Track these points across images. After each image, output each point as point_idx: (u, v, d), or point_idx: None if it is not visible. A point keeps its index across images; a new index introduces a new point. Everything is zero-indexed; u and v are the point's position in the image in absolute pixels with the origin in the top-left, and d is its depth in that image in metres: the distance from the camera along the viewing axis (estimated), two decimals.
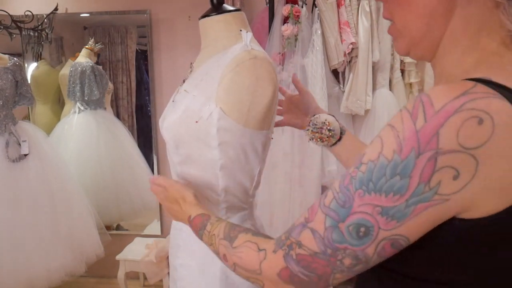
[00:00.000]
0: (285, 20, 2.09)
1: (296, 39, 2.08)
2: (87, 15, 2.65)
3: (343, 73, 2.17)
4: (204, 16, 0.96)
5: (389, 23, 0.61)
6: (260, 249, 0.59)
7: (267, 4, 2.19)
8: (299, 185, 2.12)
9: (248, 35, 0.86)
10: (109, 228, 2.75)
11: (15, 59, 2.27)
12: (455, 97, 0.45)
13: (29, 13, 2.50)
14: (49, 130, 2.69)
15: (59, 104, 2.87)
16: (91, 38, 2.69)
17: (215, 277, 0.89)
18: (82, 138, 2.68)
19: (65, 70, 2.73)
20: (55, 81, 2.79)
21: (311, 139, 1.01)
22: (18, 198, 2.08)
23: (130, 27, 2.72)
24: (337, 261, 0.51)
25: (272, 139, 0.95)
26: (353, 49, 2.07)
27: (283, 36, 2.08)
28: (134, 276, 2.68)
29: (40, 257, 2.09)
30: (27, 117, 2.75)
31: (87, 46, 2.68)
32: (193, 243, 0.94)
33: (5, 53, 2.27)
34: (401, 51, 0.61)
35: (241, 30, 0.92)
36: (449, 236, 0.49)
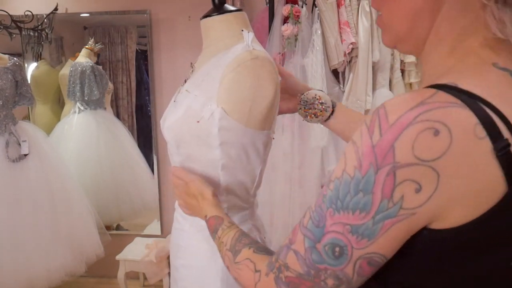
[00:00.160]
0: (285, 20, 2.09)
1: (296, 39, 2.07)
2: (87, 15, 2.65)
3: (343, 73, 2.16)
4: (205, 16, 0.96)
5: None
6: (256, 270, 0.60)
7: (267, 4, 2.18)
8: (299, 185, 2.12)
9: (249, 35, 0.86)
10: (109, 228, 2.75)
11: (15, 59, 2.27)
12: (410, 109, 0.44)
13: (29, 13, 2.49)
14: (49, 130, 2.68)
15: (59, 104, 2.87)
16: (91, 38, 2.69)
17: (217, 277, 0.90)
18: (82, 138, 2.68)
19: (65, 70, 2.73)
20: (55, 81, 2.79)
21: (305, 117, 1.01)
22: (18, 198, 2.08)
23: (130, 27, 2.72)
24: (321, 282, 0.51)
25: (273, 139, 0.95)
26: (353, 49, 2.06)
27: (283, 36, 2.08)
28: (134, 276, 2.68)
29: (40, 257, 2.09)
30: (27, 117, 2.75)
31: (87, 46, 2.68)
32: (194, 244, 0.95)
33: (5, 53, 2.27)
34: (387, 44, 0.61)
35: (242, 30, 0.92)
36: (420, 245, 0.48)
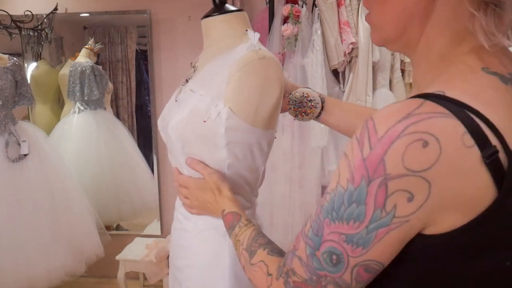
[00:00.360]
0: (285, 20, 2.09)
1: (296, 39, 2.07)
2: (87, 15, 2.65)
3: (343, 73, 2.17)
4: (206, 16, 0.96)
5: None
6: (268, 274, 0.62)
7: (267, 4, 2.19)
8: (299, 185, 2.12)
9: (256, 35, 0.86)
10: (109, 228, 2.75)
11: (15, 59, 2.26)
12: (398, 121, 0.45)
13: (29, 13, 2.50)
14: (49, 130, 2.68)
15: (59, 104, 2.87)
16: (91, 38, 2.69)
17: (223, 275, 0.89)
18: (82, 138, 2.68)
19: (65, 70, 2.73)
20: (55, 81, 2.79)
21: (296, 116, 1.02)
22: (18, 198, 2.08)
23: (130, 27, 2.72)
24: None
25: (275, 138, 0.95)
26: (353, 49, 2.06)
27: (283, 36, 2.08)
28: (134, 276, 2.68)
29: (40, 257, 2.09)
30: (27, 117, 2.75)
31: (87, 46, 2.68)
32: (197, 244, 0.94)
33: (4, 53, 2.26)
34: (375, 43, 0.62)
35: (247, 30, 0.92)
36: (414, 252, 0.49)
